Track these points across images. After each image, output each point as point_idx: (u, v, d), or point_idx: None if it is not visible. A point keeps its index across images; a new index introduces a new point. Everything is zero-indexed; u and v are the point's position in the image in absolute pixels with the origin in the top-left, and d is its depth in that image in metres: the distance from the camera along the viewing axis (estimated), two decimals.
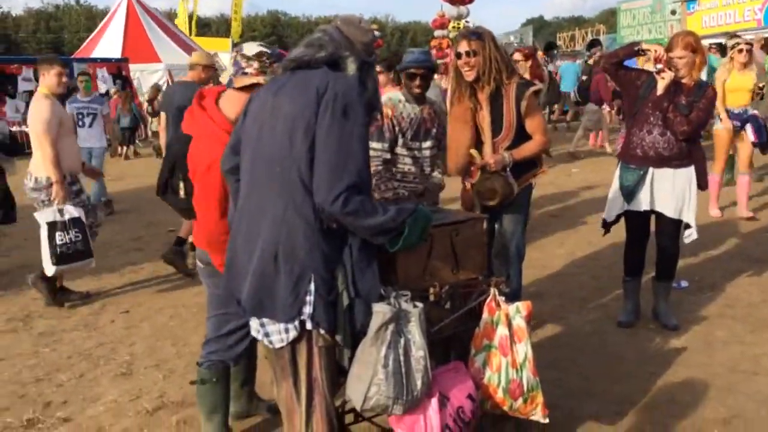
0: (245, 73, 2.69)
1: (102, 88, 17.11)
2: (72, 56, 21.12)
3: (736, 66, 6.83)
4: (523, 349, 2.64)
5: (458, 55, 3.68)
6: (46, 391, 3.78)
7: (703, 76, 6.24)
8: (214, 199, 2.64)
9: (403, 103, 3.84)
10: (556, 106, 15.73)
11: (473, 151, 3.71)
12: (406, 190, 3.82)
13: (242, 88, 2.70)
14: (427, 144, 3.88)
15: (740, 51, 6.75)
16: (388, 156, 3.80)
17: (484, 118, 3.70)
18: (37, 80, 17.22)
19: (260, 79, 2.66)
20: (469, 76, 3.66)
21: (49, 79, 4.97)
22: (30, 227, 7.84)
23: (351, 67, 2.28)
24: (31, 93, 16.75)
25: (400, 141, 3.81)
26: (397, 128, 3.78)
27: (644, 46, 4.01)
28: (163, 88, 14.60)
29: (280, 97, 2.23)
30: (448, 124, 3.94)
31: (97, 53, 19.31)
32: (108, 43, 19.85)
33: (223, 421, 3.01)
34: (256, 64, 2.68)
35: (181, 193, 2.92)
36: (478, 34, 3.63)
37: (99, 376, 3.94)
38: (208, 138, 2.66)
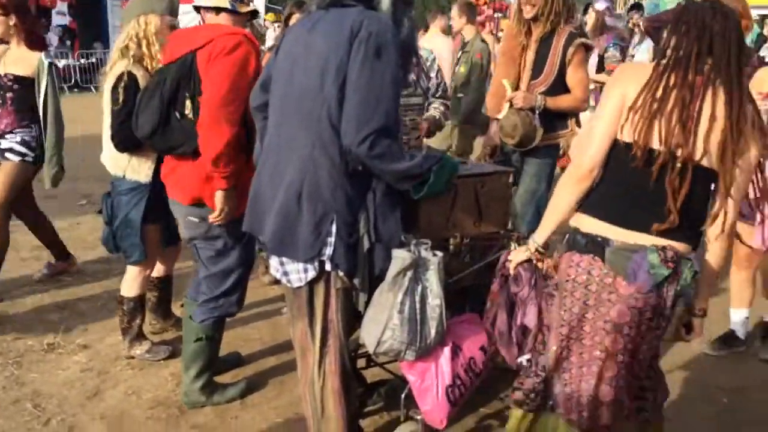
0: (243, 2, 2.88)
1: None
2: None
3: None
4: None
5: None
6: (68, 318, 3.88)
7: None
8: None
9: None
10: None
11: (505, 81, 3.65)
12: None
13: (242, 13, 2.89)
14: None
15: None
16: None
17: (528, 57, 3.65)
18: (71, 15, 17.21)
19: (253, 8, 2.97)
20: (529, 13, 3.58)
21: (441, 22, 6.42)
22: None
23: (384, 2, 2.22)
24: (64, 27, 16.79)
25: None
26: None
27: None
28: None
29: (314, 34, 2.19)
30: (497, 63, 3.89)
31: None
32: None
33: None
34: None
35: (188, 112, 2.74)
36: None
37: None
38: None
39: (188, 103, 2.72)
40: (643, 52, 12.20)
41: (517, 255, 2.22)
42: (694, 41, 1.93)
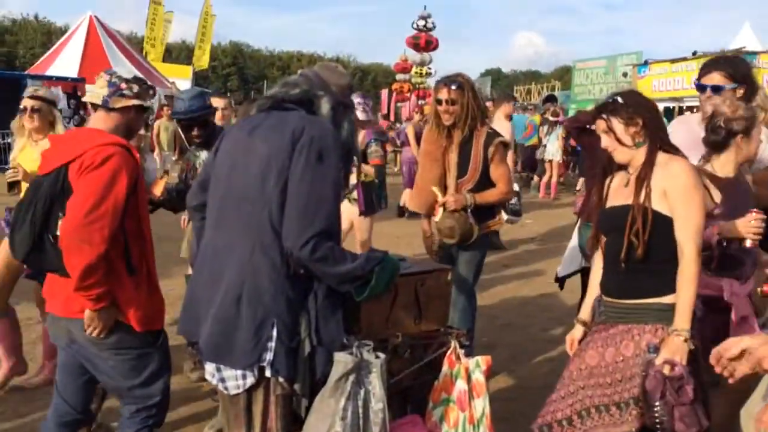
0: (123, 95, 2.62)
1: None
2: (26, 72, 20.60)
3: None
4: (481, 405, 2.62)
5: (438, 102, 3.84)
6: None
7: None
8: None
9: (193, 153, 3.92)
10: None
11: (435, 188, 3.84)
12: None
13: (119, 109, 2.62)
14: None
15: None
16: None
17: (452, 159, 3.87)
18: None
19: (138, 102, 2.64)
20: (447, 120, 3.84)
21: (507, 108, 7.49)
22: None
23: (324, 106, 2.30)
24: None
25: None
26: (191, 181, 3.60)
27: None
28: None
29: (255, 137, 2.21)
30: (419, 162, 4.06)
31: (52, 71, 18.85)
32: (65, 62, 19.42)
33: None
34: (135, 88, 2.65)
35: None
36: (459, 84, 3.80)
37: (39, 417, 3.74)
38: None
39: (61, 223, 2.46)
40: (552, 141, 12.95)
41: (677, 352, 2.24)
42: None
